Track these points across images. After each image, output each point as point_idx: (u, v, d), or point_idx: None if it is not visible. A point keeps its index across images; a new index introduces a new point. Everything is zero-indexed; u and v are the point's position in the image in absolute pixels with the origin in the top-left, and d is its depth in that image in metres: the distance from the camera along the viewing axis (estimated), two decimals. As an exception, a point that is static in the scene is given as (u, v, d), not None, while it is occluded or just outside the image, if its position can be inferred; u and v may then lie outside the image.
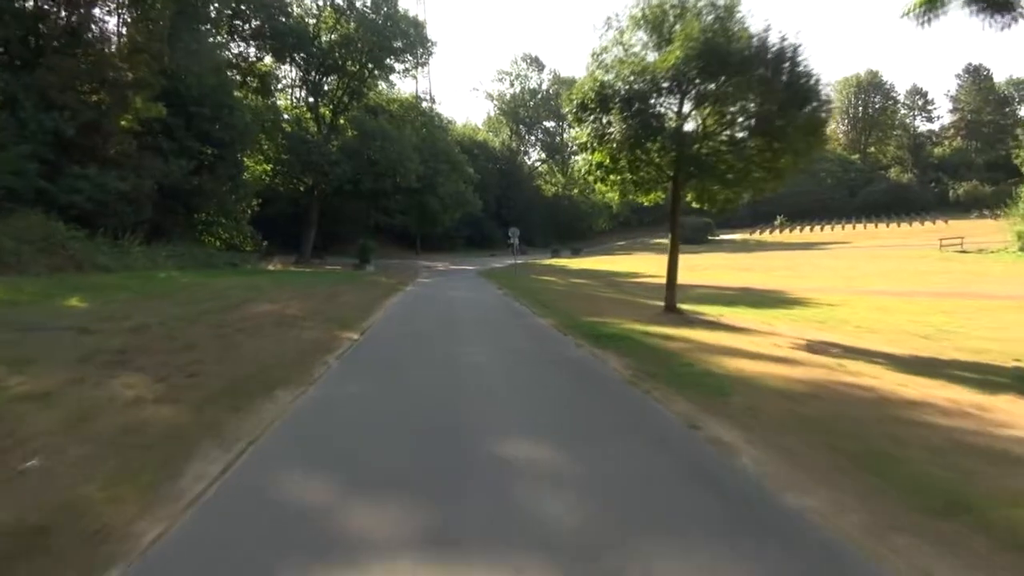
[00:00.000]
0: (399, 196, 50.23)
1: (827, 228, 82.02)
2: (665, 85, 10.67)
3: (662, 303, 15.89)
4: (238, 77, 43.75)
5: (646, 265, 45.09)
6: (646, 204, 14.21)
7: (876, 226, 78.26)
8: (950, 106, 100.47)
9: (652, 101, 10.81)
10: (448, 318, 12.31)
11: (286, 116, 45.88)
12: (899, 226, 76.60)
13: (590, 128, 11.39)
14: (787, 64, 10.42)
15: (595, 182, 12.52)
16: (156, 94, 31.56)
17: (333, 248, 57.23)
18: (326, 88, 46.21)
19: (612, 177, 12.09)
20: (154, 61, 30.85)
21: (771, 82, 10.23)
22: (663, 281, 30.56)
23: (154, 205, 33.35)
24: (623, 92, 10.59)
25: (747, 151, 10.46)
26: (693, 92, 10.66)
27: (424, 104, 49.17)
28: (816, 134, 10.78)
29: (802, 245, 63.35)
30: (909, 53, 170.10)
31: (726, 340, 9.32)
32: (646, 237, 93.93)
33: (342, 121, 45.72)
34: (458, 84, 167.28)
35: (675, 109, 11.08)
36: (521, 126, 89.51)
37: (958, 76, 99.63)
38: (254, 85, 44.76)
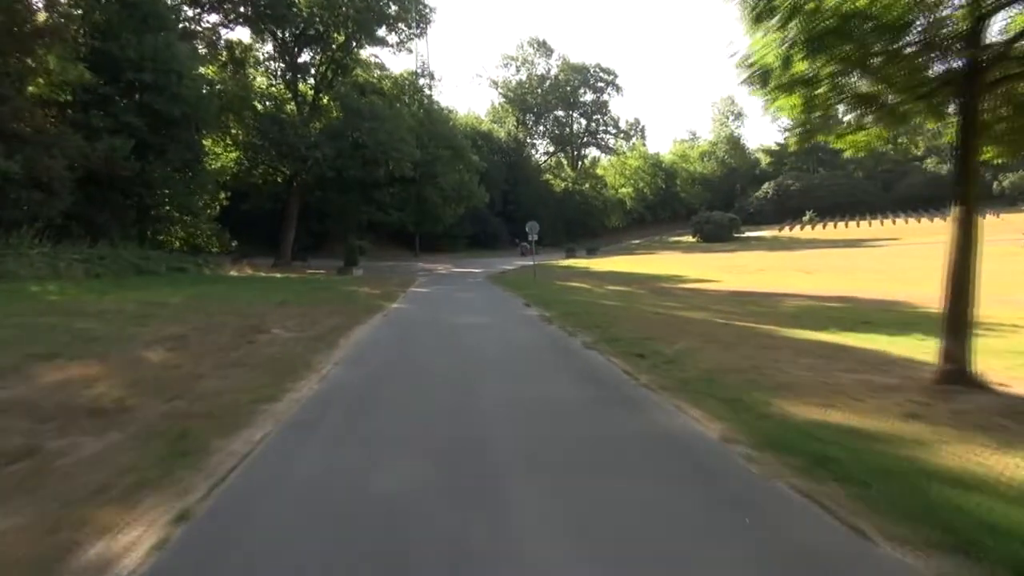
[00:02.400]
0: (393, 189, 43.61)
1: (863, 224, 75.12)
2: None
3: (833, 336, 9.13)
4: (203, 48, 37.10)
5: (681, 266, 38.43)
6: (849, 153, 7.35)
7: (919, 221, 71.41)
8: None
9: None
10: (462, 413, 5.20)
11: (265, 98, 39.03)
12: (944, 221, 69.51)
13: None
14: None
15: (774, 97, 5.72)
16: (79, 54, 24.93)
17: (322, 249, 50.59)
18: (307, 62, 39.47)
19: (820, 90, 5.43)
20: (72, 9, 24.28)
21: None
22: (724, 288, 23.73)
23: (86, 195, 26.85)
24: None
25: None
26: None
27: (422, 81, 42.37)
28: None
29: (848, 242, 56.56)
30: None
31: None
32: (662, 234, 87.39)
33: (325, 100, 38.98)
34: (459, 73, 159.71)
35: None
36: (528, 115, 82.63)
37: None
38: (222, 59, 38.11)
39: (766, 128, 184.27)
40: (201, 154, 32.11)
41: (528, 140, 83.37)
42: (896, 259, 35.35)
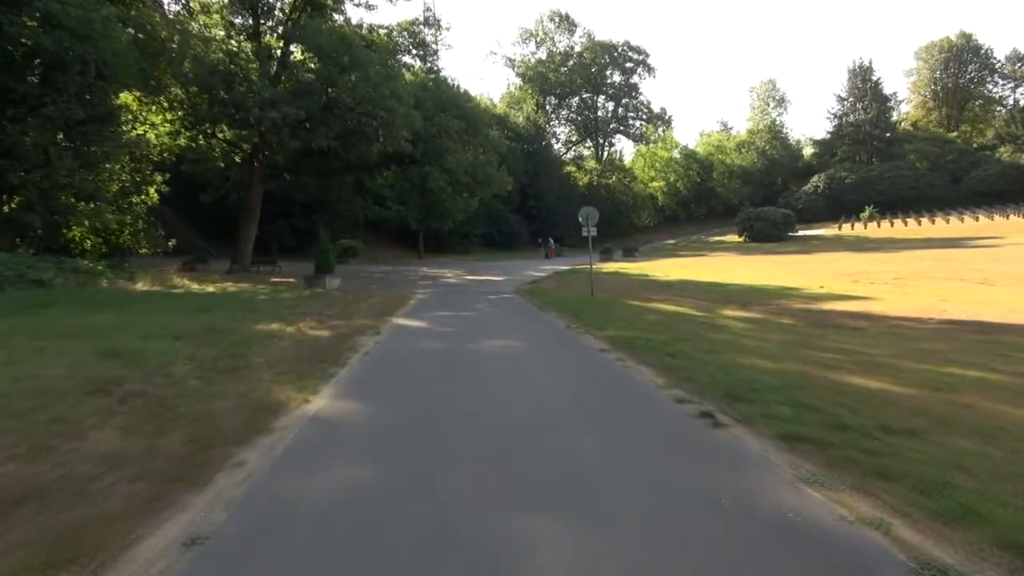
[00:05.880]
0: (389, 171, 33.96)
1: (938, 220, 64.74)
2: None
3: None
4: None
5: (767, 273, 28.52)
6: None
7: (1007, 217, 60.95)
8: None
9: None
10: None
11: (222, 53, 29.36)
12: (1036, 216, 59.29)
13: None
14: None
15: None
16: None
17: (309, 251, 40.84)
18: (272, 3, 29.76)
19: None
20: None
21: None
22: (910, 312, 12.99)
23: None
24: None
25: None
26: None
27: (426, 33, 32.59)
28: None
29: (945, 242, 46.45)
30: (1005, 12, 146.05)
31: None
32: (700, 233, 77.28)
33: (299, 55, 29.38)
34: (470, 52, 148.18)
35: None
36: (549, 98, 72.68)
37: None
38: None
39: (811, 115, 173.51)
40: (111, 116, 22.53)
41: (549, 127, 73.45)
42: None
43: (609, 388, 6.32)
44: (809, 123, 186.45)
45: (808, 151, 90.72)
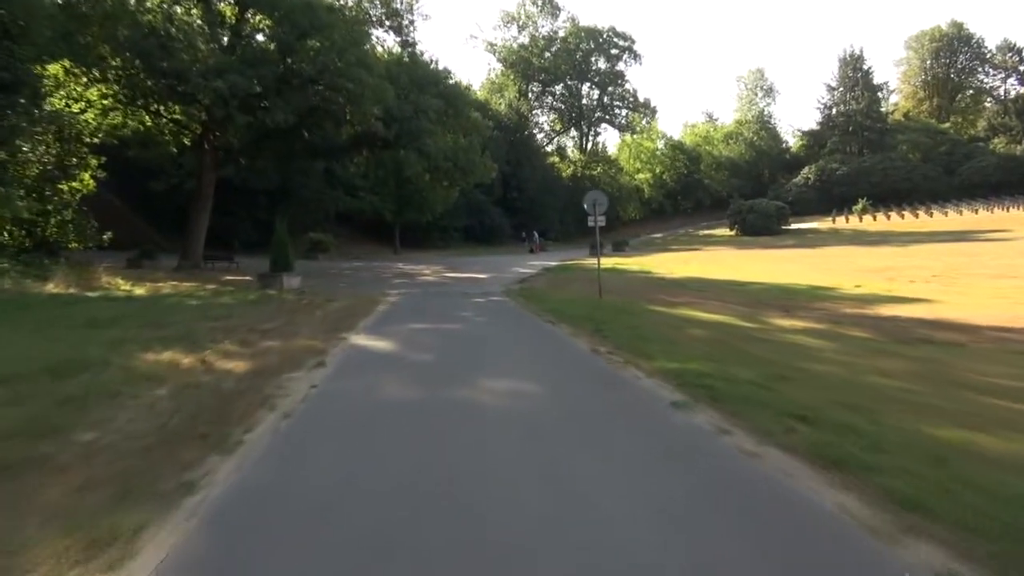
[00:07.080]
0: (359, 157, 30.57)
1: (936, 213, 62.55)
2: None
3: None
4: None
5: (783, 269, 25.69)
6: None
7: (1007, 210, 58.92)
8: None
9: None
10: None
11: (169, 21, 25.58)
12: (1038, 209, 57.36)
13: None
14: None
15: None
16: None
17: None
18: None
19: None
20: None
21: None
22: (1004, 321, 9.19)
23: None
24: None
25: None
26: None
27: (399, 1, 29.06)
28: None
29: (951, 235, 44.03)
30: (996, 1, 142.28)
31: None
32: (687, 227, 74.63)
33: (257, 20, 25.74)
34: (450, 38, 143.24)
35: None
36: (532, 84, 69.26)
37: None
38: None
39: (800, 106, 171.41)
40: (22, 84, 18.78)
41: (532, 115, 70.00)
42: None
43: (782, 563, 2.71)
44: (798, 114, 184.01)
45: (797, 142, 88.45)
